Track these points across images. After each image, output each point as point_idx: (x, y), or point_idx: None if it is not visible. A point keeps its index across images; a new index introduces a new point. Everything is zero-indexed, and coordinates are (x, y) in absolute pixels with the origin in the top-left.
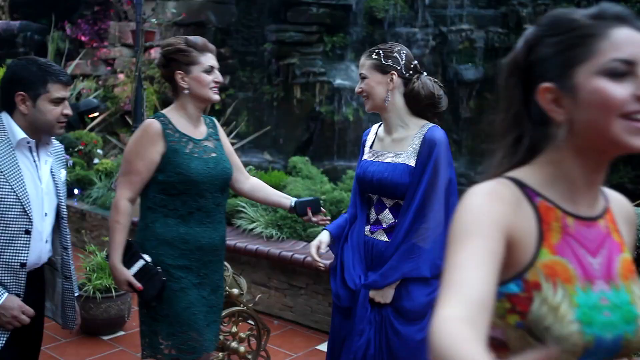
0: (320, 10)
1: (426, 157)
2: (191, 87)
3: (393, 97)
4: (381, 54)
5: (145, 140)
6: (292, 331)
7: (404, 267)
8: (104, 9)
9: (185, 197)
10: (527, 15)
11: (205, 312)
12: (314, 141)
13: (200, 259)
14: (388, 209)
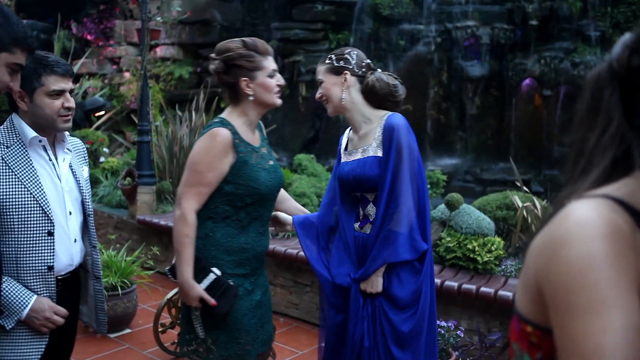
0: (325, 8)
1: (388, 143)
2: (256, 93)
3: (350, 96)
4: (333, 58)
5: (218, 150)
6: (298, 328)
7: (383, 254)
8: (109, 8)
9: (249, 209)
10: (533, 12)
11: (260, 316)
12: (320, 139)
13: (254, 266)
14: (371, 203)
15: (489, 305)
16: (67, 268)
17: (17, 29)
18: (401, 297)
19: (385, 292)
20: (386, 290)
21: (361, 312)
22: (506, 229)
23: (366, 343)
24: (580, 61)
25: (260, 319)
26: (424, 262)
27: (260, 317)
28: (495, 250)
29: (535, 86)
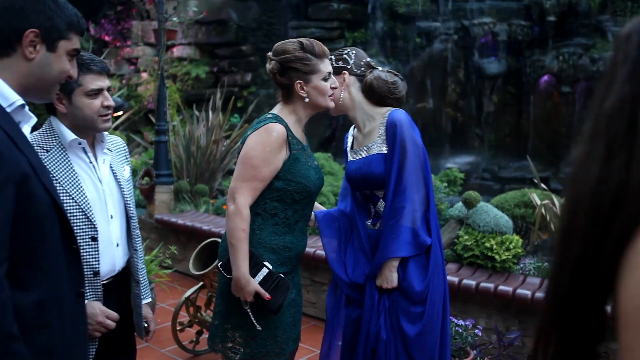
0: (341, 6)
1: (392, 139)
2: (310, 96)
3: (350, 95)
4: (332, 58)
5: (273, 145)
6: (315, 327)
7: (388, 248)
8: (126, 9)
9: (297, 206)
10: (551, 7)
11: (294, 314)
12: (337, 137)
13: (294, 264)
14: (381, 199)
15: (507, 304)
16: (109, 274)
17: (70, 12)
18: (410, 291)
19: (400, 286)
20: (400, 284)
21: (376, 307)
22: (524, 227)
23: (383, 335)
24: (599, 57)
25: (294, 317)
26: (429, 261)
27: (294, 314)
28: (513, 248)
29: (554, 83)
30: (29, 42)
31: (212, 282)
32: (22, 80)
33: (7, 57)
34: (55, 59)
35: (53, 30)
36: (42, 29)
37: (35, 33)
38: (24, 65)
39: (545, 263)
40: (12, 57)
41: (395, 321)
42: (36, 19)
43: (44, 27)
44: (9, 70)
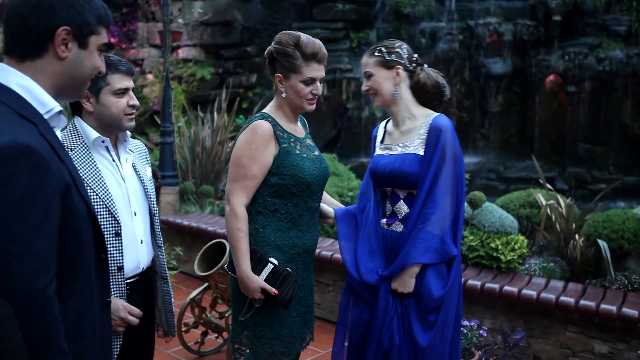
0: (346, 7)
1: (433, 144)
2: (287, 92)
3: (400, 91)
4: (384, 51)
5: (259, 142)
6: (320, 328)
7: (413, 253)
8: (132, 11)
9: (297, 200)
10: (556, 7)
11: (304, 313)
12: (342, 138)
13: (305, 260)
14: (402, 200)
15: (513, 305)
16: (134, 270)
17: (97, 5)
18: (427, 299)
19: (414, 291)
20: (417, 290)
21: (390, 311)
22: (530, 227)
23: (397, 340)
24: (605, 56)
25: (304, 317)
26: (451, 271)
27: (304, 314)
28: (518, 248)
29: (559, 82)
30: (61, 41)
31: (217, 283)
32: (56, 81)
33: (39, 58)
34: (87, 55)
35: (84, 25)
36: (73, 26)
37: (67, 30)
38: (57, 65)
39: (551, 263)
40: (44, 57)
41: (408, 327)
42: (67, 15)
43: (75, 24)
44: (43, 72)
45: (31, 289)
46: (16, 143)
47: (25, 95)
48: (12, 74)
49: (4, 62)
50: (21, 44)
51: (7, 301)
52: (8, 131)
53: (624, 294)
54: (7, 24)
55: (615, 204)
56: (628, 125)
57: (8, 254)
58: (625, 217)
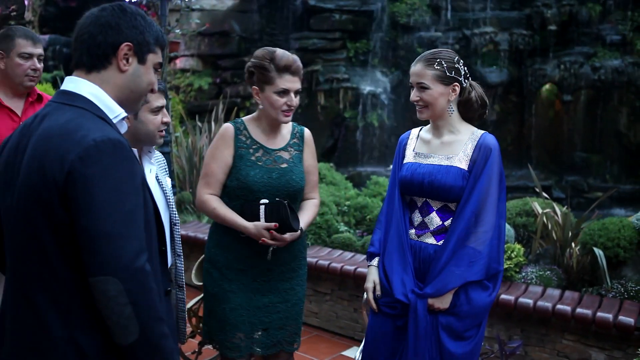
0: (343, 17)
1: (482, 162)
2: (263, 104)
3: (453, 107)
4: (444, 65)
5: (220, 143)
6: (318, 337)
7: (464, 272)
8: None
9: (241, 202)
10: (552, 17)
11: (261, 316)
12: (339, 147)
13: (258, 265)
14: (435, 212)
15: (509, 313)
16: None
17: (156, 28)
18: (468, 314)
19: (449, 309)
20: (450, 307)
21: (430, 330)
22: (526, 235)
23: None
24: (600, 65)
25: (265, 322)
26: (496, 283)
27: (262, 319)
28: (515, 257)
29: (555, 92)
30: (123, 55)
31: None
32: (118, 93)
33: (104, 69)
34: (145, 71)
35: (144, 43)
36: (134, 43)
37: (129, 46)
38: (118, 77)
39: (548, 272)
40: (108, 69)
41: (437, 341)
42: (130, 34)
43: (136, 41)
44: (107, 82)
45: (136, 266)
46: (109, 138)
47: (96, 102)
48: (83, 83)
49: (73, 75)
50: (89, 57)
51: (116, 278)
52: (98, 129)
53: (620, 301)
54: (79, 40)
55: (611, 212)
56: (624, 134)
57: (113, 235)
58: (620, 225)
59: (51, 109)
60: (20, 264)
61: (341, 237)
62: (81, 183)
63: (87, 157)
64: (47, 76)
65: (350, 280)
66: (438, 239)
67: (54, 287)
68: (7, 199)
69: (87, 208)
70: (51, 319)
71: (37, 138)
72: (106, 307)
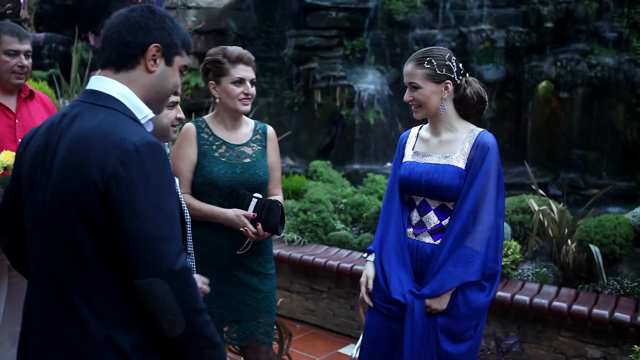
0: (340, 15)
1: (480, 161)
2: (221, 97)
3: (446, 104)
4: (434, 63)
5: (183, 142)
6: (314, 335)
7: (462, 272)
8: None
9: (209, 199)
10: (548, 14)
11: (230, 309)
12: (335, 145)
13: (225, 258)
14: (433, 211)
15: (506, 310)
16: None
17: (183, 31)
18: (465, 314)
19: (446, 310)
20: (450, 307)
21: (427, 330)
22: (522, 232)
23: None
24: (597, 63)
25: (235, 314)
26: (494, 283)
27: (232, 311)
28: (511, 254)
29: (552, 89)
30: (151, 56)
31: None
32: (144, 93)
33: (132, 69)
34: (171, 72)
35: (171, 45)
36: (163, 44)
37: (158, 47)
38: (146, 78)
39: (544, 269)
40: (136, 69)
41: (436, 340)
42: (158, 35)
43: (164, 43)
44: (135, 82)
45: (179, 266)
46: (148, 141)
47: (125, 102)
48: (111, 83)
49: (100, 74)
50: (118, 56)
51: (162, 279)
52: (135, 132)
53: (616, 298)
54: (108, 39)
55: (608, 209)
56: (620, 131)
57: (157, 237)
58: (616, 222)
59: (81, 109)
60: (54, 264)
61: (338, 234)
62: (124, 187)
63: (128, 161)
64: (43, 74)
65: (346, 278)
66: (435, 238)
67: (90, 287)
68: (37, 199)
69: (131, 211)
70: (88, 318)
71: (71, 139)
72: (154, 306)
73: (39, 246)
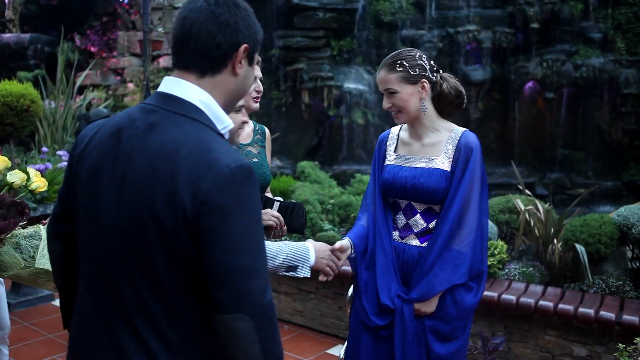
0: (327, 15)
1: (464, 162)
2: None
3: (426, 104)
4: (406, 65)
5: None
6: (302, 335)
7: (450, 275)
8: (112, 20)
9: None
10: (534, 15)
11: None
12: (323, 145)
13: None
14: (419, 214)
15: (493, 309)
16: None
17: (259, 26)
18: (456, 316)
19: (434, 312)
20: (438, 309)
21: (417, 334)
22: (509, 232)
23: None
24: (582, 63)
25: None
26: (481, 283)
27: None
28: (498, 254)
29: (538, 89)
30: (240, 58)
31: None
32: (227, 97)
33: (218, 73)
34: (251, 72)
35: (257, 44)
36: (251, 44)
37: (247, 48)
38: (231, 82)
39: (530, 268)
40: (222, 73)
41: (425, 350)
42: (247, 34)
43: (252, 41)
44: (219, 87)
45: (266, 303)
46: (241, 164)
47: (207, 112)
48: (193, 89)
49: (176, 76)
50: (206, 59)
51: (248, 315)
52: (228, 153)
53: (601, 297)
54: (191, 38)
55: (594, 208)
56: (605, 131)
57: (247, 270)
58: (601, 221)
59: (160, 117)
60: (119, 285)
61: (325, 235)
62: (217, 215)
63: (223, 187)
64: (28, 75)
65: (334, 278)
66: (422, 241)
67: (161, 316)
68: (101, 212)
69: (220, 241)
70: (156, 348)
71: (153, 153)
72: (235, 345)
73: (101, 262)
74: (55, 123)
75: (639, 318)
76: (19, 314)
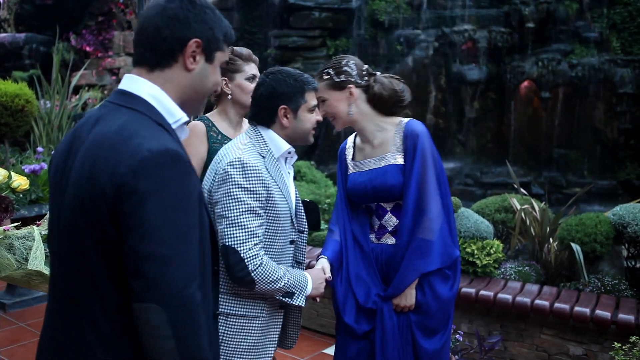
0: (323, 15)
1: (412, 151)
2: (234, 93)
3: (358, 108)
4: (331, 72)
5: (193, 139)
6: (299, 335)
7: (419, 264)
8: (107, 19)
9: None
10: (530, 14)
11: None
12: (319, 145)
13: None
14: (389, 212)
15: (489, 309)
16: None
17: (224, 23)
18: (437, 308)
19: (416, 306)
20: (420, 303)
21: (397, 330)
22: (505, 231)
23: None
24: (577, 62)
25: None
26: (456, 271)
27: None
28: (494, 253)
29: (534, 88)
30: (191, 53)
31: None
32: (181, 93)
33: (168, 68)
34: (212, 70)
35: (213, 40)
36: (203, 39)
37: (198, 43)
38: (184, 77)
39: (526, 267)
40: (173, 68)
41: (412, 339)
42: (199, 29)
43: (205, 37)
44: (171, 82)
45: (185, 295)
46: (167, 149)
47: (155, 105)
48: (143, 84)
49: (133, 72)
50: (153, 53)
51: (161, 306)
52: (155, 138)
53: (597, 296)
54: (142, 34)
55: (589, 207)
56: (600, 130)
57: (163, 258)
58: (597, 220)
59: (107, 110)
60: (66, 280)
61: (321, 235)
62: (135, 198)
63: (140, 170)
64: (24, 75)
65: None
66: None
67: (98, 308)
68: (55, 207)
69: (137, 226)
70: (94, 342)
71: (89, 144)
72: (147, 338)
73: (59, 259)
74: (50, 123)
75: (635, 317)
76: (14, 315)
